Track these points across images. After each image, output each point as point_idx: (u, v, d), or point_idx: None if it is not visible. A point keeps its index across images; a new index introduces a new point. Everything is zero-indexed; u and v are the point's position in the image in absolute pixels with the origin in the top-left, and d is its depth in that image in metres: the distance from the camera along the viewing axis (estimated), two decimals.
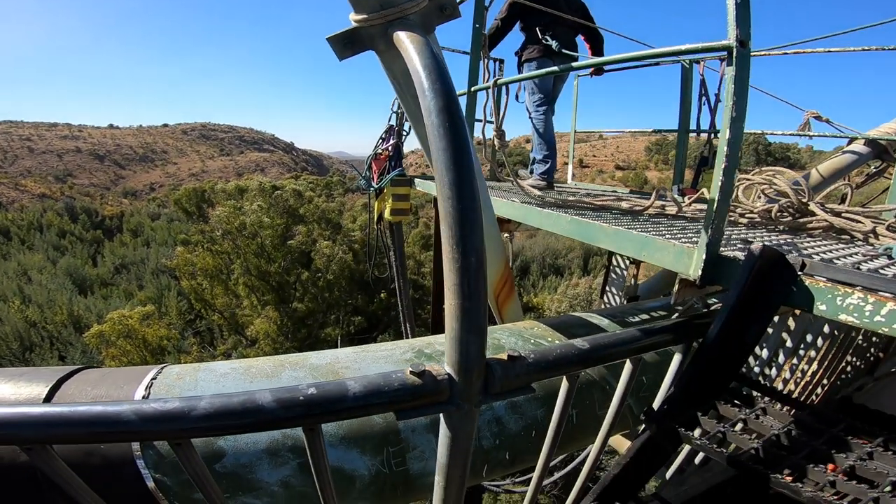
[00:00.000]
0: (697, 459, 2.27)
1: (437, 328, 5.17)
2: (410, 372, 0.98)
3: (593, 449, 1.77)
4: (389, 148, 5.16)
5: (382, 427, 1.76)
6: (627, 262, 4.10)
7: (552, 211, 2.81)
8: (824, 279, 1.50)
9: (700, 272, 1.74)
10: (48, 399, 1.39)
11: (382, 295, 20.80)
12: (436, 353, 2.00)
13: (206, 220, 20.32)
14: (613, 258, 4.24)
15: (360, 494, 1.73)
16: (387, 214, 5.11)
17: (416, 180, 5.21)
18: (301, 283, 19.39)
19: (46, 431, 0.80)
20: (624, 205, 3.14)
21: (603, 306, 4.40)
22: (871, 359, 3.11)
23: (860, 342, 2.89)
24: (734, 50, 1.60)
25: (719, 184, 1.68)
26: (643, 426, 1.79)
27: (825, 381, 2.93)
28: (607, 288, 4.30)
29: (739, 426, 1.47)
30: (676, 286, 1.90)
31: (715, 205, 1.70)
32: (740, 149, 1.76)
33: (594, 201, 3.26)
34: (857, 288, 1.42)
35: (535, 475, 1.71)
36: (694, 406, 1.53)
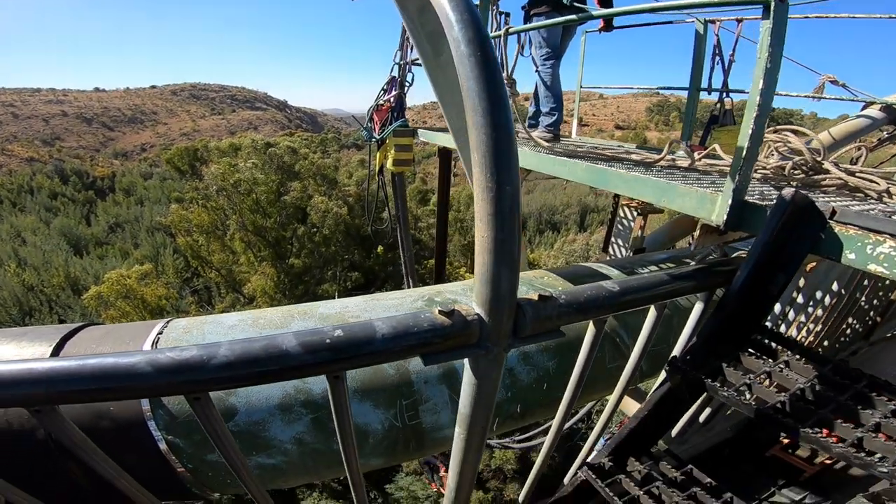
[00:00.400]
0: (702, 417, 2.27)
1: (439, 282, 5.15)
2: (440, 312, 0.92)
3: (611, 401, 1.75)
4: (391, 99, 5.02)
5: (395, 379, 1.72)
6: (634, 213, 4.08)
7: (567, 158, 2.72)
8: (856, 227, 1.45)
9: (725, 217, 1.78)
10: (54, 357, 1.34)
11: (379, 250, 20.87)
12: (446, 301, 1.94)
13: (200, 177, 20.13)
14: (620, 210, 4.19)
15: (372, 450, 1.71)
16: (389, 165, 5.02)
17: (420, 131, 5.11)
18: (297, 238, 19.36)
19: (54, 389, 0.73)
20: (634, 157, 3.09)
21: (610, 257, 4.36)
22: (869, 323, 3.13)
23: (862, 304, 2.89)
24: (772, 3, 1.65)
25: (750, 131, 1.71)
26: (662, 379, 1.76)
27: (825, 343, 2.94)
28: (613, 239, 4.26)
29: (764, 379, 1.44)
30: (697, 233, 1.87)
31: (744, 151, 1.72)
32: (773, 98, 1.79)
33: (604, 153, 3.15)
34: (889, 236, 1.38)
35: (554, 426, 1.69)
36: (717, 357, 1.49)
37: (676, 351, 1.79)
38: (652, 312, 1.49)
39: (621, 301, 1.22)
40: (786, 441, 2.48)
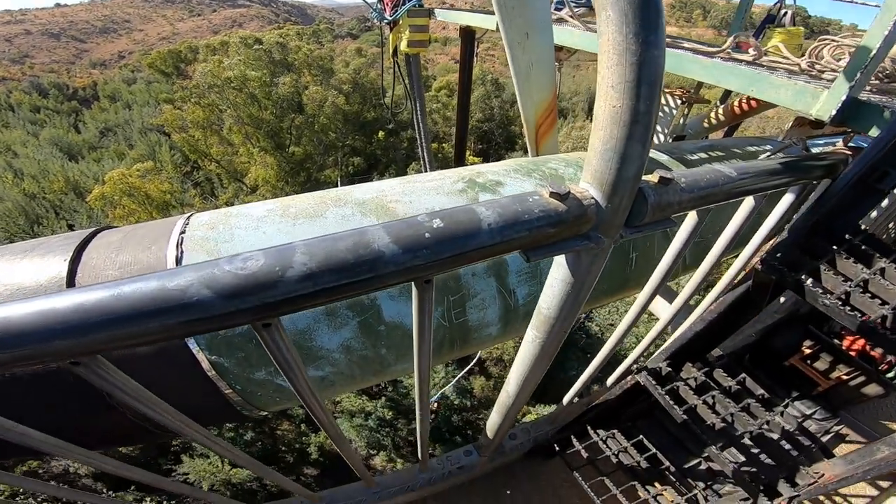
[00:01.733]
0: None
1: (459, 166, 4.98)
2: (551, 194, 0.74)
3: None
4: None
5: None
6: (678, 101, 3.80)
7: None
8: None
9: (834, 112, 1.77)
10: (71, 275, 1.18)
11: (380, 135, 20.73)
12: (488, 182, 1.73)
13: (187, 78, 19.40)
14: (665, 96, 3.87)
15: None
16: (403, 46, 4.56)
17: (438, 11, 4.71)
18: (295, 127, 19.14)
19: (96, 338, 0.56)
20: (686, 45, 2.77)
21: None
22: None
23: None
24: None
25: (885, 32, 1.65)
26: (732, 279, 1.62)
27: None
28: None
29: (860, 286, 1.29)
30: (790, 124, 1.73)
31: (873, 51, 1.67)
32: None
33: None
34: None
35: (624, 325, 1.57)
36: (811, 257, 1.33)
37: (743, 248, 1.63)
38: (748, 202, 1.30)
39: (737, 188, 1.04)
40: (807, 351, 2.46)
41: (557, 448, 2.34)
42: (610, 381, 2.21)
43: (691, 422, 1.73)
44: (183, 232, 1.38)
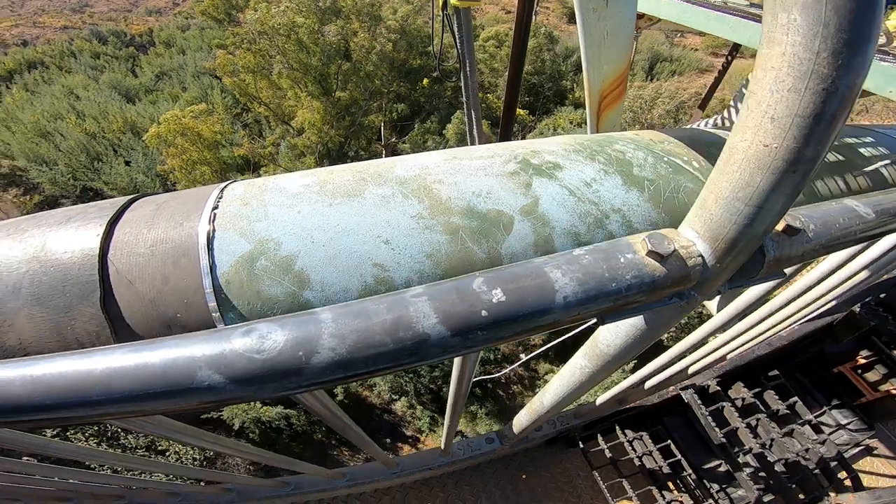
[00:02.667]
0: None
1: (506, 137, 4.64)
2: (650, 253, 0.59)
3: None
4: None
5: (485, 264, 1.38)
6: None
7: (722, 14, 2.02)
8: None
9: None
10: (103, 253, 1.14)
11: (425, 82, 20.77)
12: (545, 164, 1.54)
13: (238, 24, 19.76)
14: (750, 74, 3.47)
15: None
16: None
17: None
18: (342, 73, 19.32)
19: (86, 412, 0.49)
20: None
21: (717, 122, 3.73)
22: None
23: None
24: None
25: None
26: (820, 308, 1.42)
27: None
28: (732, 104, 3.60)
29: None
30: None
31: None
32: None
33: (748, 10, 2.37)
34: None
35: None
36: None
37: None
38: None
39: (871, 231, 0.82)
40: (861, 361, 2.23)
41: (582, 445, 2.28)
42: (648, 384, 2.08)
43: (728, 445, 1.59)
44: (216, 207, 1.31)
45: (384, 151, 20.63)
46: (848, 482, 1.93)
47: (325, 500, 2.39)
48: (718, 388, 1.71)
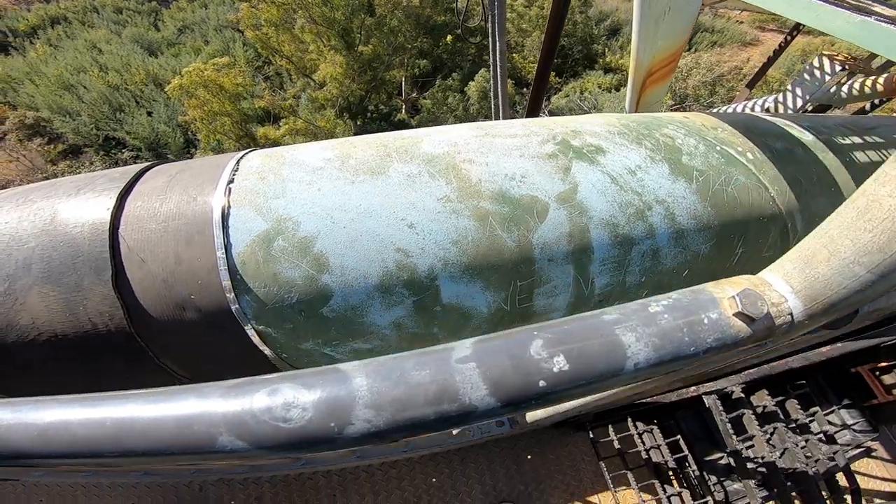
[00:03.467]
0: None
1: (533, 110, 4.40)
2: (739, 314, 0.50)
3: None
4: None
5: (514, 254, 1.34)
6: (836, 68, 3.18)
7: (819, 2, 1.76)
8: None
9: None
10: (113, 227, 1.08)
11: (448, 39, 20.25)
12: (586, 147, 1.41)
13: None
14: (822, 59, 3.18)
15: (469, 333, 1.45)
16: None
17: None
18: (366, 28, 18.96)
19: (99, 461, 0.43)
20: (876, 8, 2.05)
21: (768, 105, 3.48)
22: None
23: None
24: None
25: None
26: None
27: None
28: (790, 88, 3.33)
29: None
30: None
31: None
32: None
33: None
34: None
35: None
36: None
37: None
38: None
39: None
40: (882, 364, 2.18)
41: (591, 435, 2.24)
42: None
43: (740, 452, 1.54)
44: (231, 181, 1.24)
45: (404, 106, 20.31)
46: (848, 497, 1.91)
47: (333, 471, 2.43)
48: (742, 394, 1.64)
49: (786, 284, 0.52)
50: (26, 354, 0.99)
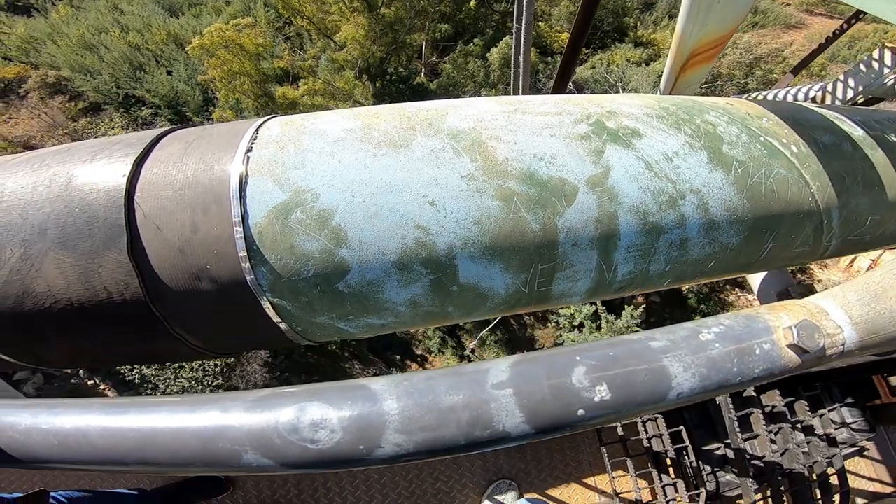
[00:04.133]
0: None
1: (560, 86, 4.24)
2: (793, 346, 0.46)
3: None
4: None
5: (538, 236, 1.28)
6: None
7: None
8: None
9: None
10: (129, 195, 1.06)
11: (471, 3, 19.99)
12: (622, 129, 1.33)
13: None
14: (884, 51, 2.95)
15: (485, 312, 1.43)
16: None
17: None
18: None
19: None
20: None
21: (815, 94, 3.29)
22: None
23: None
24: None
25: None
26: None
27: None
28: (843, 78, 3.12)
29: None
30: None
31: None
32: None
33: None
34: None
35: None
36: None
37: None
38: None
39: None
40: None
41: None
42: None
43: (742, 450, 1.52)
44: (249, 150, 1.20)
45: (423, 70, 20.00)
46: (837, 498, 1.90)
47: None
48: (754, 392, 1.62)
49: (844, 315, 0.48)
50: (41, 322, 0.99)
